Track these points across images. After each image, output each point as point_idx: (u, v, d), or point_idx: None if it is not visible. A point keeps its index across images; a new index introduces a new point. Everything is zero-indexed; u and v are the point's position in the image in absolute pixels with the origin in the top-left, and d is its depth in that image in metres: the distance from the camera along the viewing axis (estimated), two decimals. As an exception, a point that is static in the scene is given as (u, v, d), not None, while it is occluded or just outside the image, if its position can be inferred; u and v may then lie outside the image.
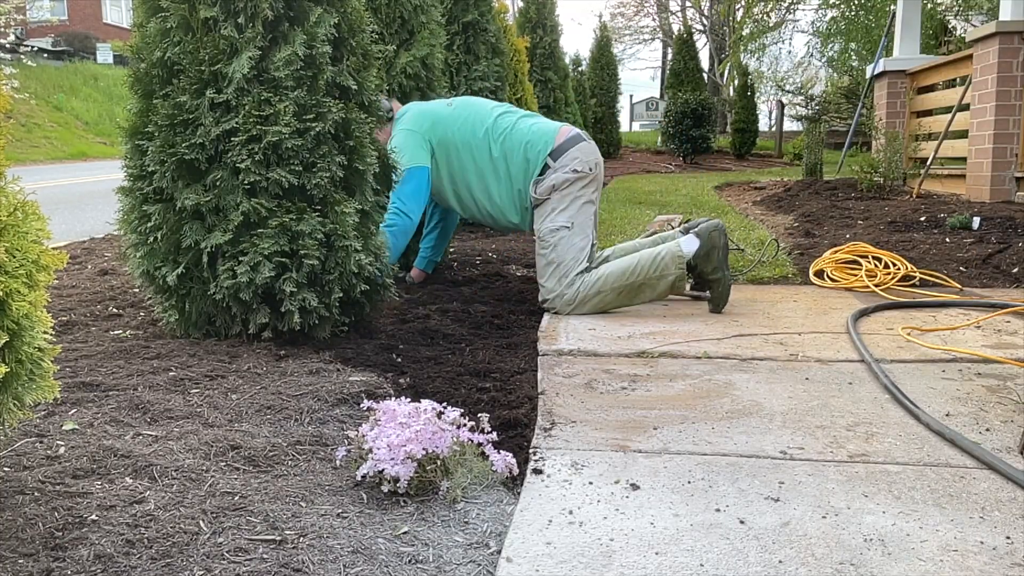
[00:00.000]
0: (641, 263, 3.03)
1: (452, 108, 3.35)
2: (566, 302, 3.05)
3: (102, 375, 2.25)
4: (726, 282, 3.05)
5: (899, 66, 8.45)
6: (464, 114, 3.30)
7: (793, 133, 19.86)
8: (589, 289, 3.02)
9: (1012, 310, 3.02)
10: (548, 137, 3.18)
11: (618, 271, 3.03)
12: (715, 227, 3.08)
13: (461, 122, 3.27)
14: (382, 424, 1.66)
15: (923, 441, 1.82)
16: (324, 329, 2.60)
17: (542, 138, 3.17)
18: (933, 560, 1.33)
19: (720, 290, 3.05)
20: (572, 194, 3.10)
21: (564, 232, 3.07)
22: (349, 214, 2.54)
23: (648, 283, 3.03)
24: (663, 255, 3.04)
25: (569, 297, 3.04)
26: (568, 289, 3.04)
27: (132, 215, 2.59)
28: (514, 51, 6.95)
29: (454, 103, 3.41)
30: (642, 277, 3.02)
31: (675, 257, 3.03)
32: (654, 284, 3.04)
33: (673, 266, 3.03)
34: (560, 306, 3.07)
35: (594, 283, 3.02)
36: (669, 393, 2.18)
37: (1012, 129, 6.07)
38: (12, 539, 1.38)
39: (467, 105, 3.37)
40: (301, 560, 1.35)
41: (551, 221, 3.10)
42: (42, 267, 1.45)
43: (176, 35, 2.50)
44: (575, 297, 3.03)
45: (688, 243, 3.07)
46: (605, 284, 3.02)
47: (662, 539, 1.40)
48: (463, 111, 3.32)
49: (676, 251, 3.04)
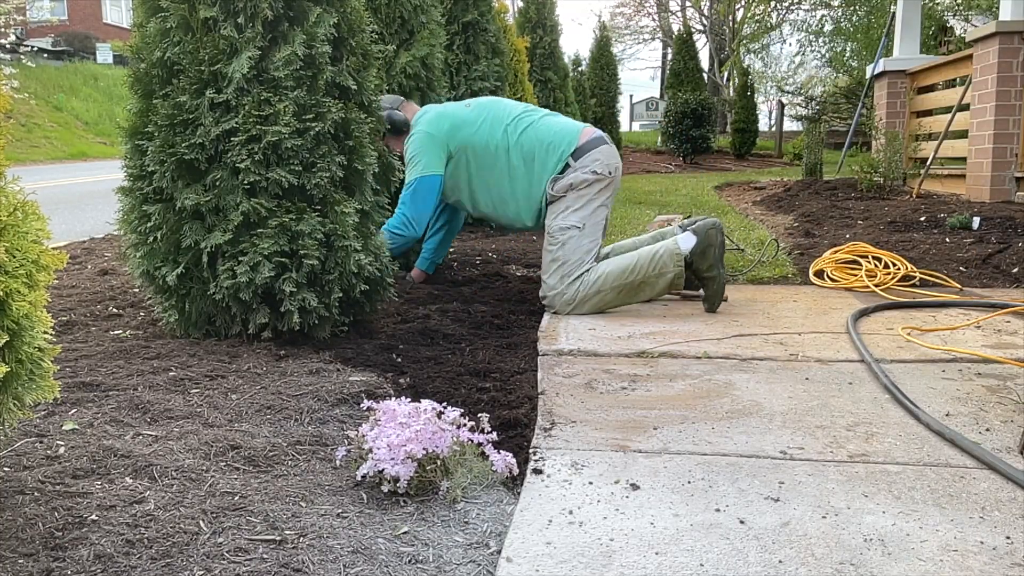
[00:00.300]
0: (640, 261, 3.04)
1: (471, 110, 3.33)
2: (566, 301, 3.05)
3: (102, 375, 2.25)
4: (720, 280, 3.06)
5: (899, 66, 8.46)
6: (484, 115, 3.28)
7: (793, 133, 19.84)
8: (589, 288, 3.03)
9: (1012, 310, 3.02)
10: (572, 136, 3.17)
11: (618, 270, 3.03)
12: (712, 225, 3.10)
13: (480, 123, 3.25)
14: (382, 424, 1.66)
15: (923, 441, 1.82)
16: (324, 329, 2.61)
17: (565, 137, 3.17)
18: (933, 560, 1.33)
19: (715, 287, 3.06)
20: (588, 195, 3.11)
21: (574, 232, 3.08)
22: (349, 214, 2.55)
23: (647, 281, 3.05)
24: (661, 253, 3.05)
25: (569, 296, 3.05)
26: (569, 288, 3.05)
27: (132, 215, 2.60)
28: (514, 51, 6.95)
29: (472, 104, 3.39)
30: (641, 275, 3.03)
31: (673, 255, 3.05)
32: (653, 282, 3.06)
33: (671, 264, 3.04)
34: (560, 305, 3.07)
35: (594, 282, 3.03)
36: (669, 393, 2.18)
37: (1012, 129, 6.07)
38: (12, 539, 1.38)
39: (487, 106, 3.34)
40: (301, 560, 1.35)
41: (563, 219, 3.11)
42: (42, 267, 1.45)
43: (176, 35, 2.50)
44: (575, 296, 3.04)
45: (685, 240, 3.08)
46: (605, 283, 3.02)
47: (662, 539, 1.40)
48: (483, 112, 3.29)
49: (674, 249, 3.06)
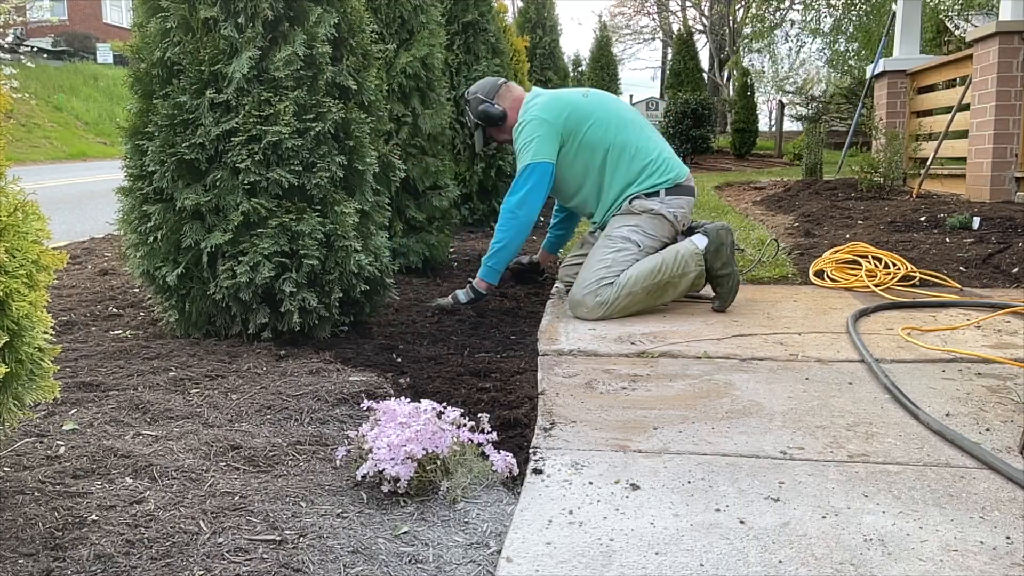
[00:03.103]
0: (665, 262, 3.08)
1: (588, 99, 3.31)
2: (600, 303, 3.02)
3: (102, 375, 2.25)
4: (735, 278, 3.12)
5: (899, 66, 8.45)
6: (599, 113, 3.25)
7: (793, 133, 19.84)
8: (621, 291, 3.03)
9: (1012, 310, 3.02)
10: (679, 173, 3.25)
11: (645, 272, 3.06)
12: (721, 226, 3.17)
13: (595, 120, 3.23)
14: (382, 424, 1.66)
15: (923, 441, 1.82)
16: (324, 329, 2.61)
17: (674, 170, 3.25)
18: (933, 560, 1.33)
19: (730, 285, 3.11)
20: (656, 228, 3.17)
21: (632, 248, 3.13)
22: (349, 214, 2.55)
23: (672, 281, 3.09)
24: (683, 253, 3.10)
25: (603, 298, 3.03)
26: (603, 291, 3.03)
27: (132, 215, 2.60)
28: (514, 51, 6.95)
29: (589, 94, 3.36)
30: (667, 275, 3.08)
31: (693, 254, 3.10)
32: (676, 282, 3.10)
33: (693, 263, 3.09)
34: (592, 306, 3.03)
35: (624, 284, 3.04)
36: (669, 393, 2.18)
37: (1012, 129, 6.07)
38: (12, 539, 1.38)
39: (602, 103, 3.31)
40: (301, 560, 1.35)
41: (629, 231, 3.16)
42: (42, 267, 1.46)
43: (176, 35, 2.50)
44: (607, 299, 3.03)
45: (699, 241, 3.14)
46: (635, 285, 3.05)
47: (662, 539, 1.40)
48: (598, 110, 3.26)
49: (693, 249, 3.11)
